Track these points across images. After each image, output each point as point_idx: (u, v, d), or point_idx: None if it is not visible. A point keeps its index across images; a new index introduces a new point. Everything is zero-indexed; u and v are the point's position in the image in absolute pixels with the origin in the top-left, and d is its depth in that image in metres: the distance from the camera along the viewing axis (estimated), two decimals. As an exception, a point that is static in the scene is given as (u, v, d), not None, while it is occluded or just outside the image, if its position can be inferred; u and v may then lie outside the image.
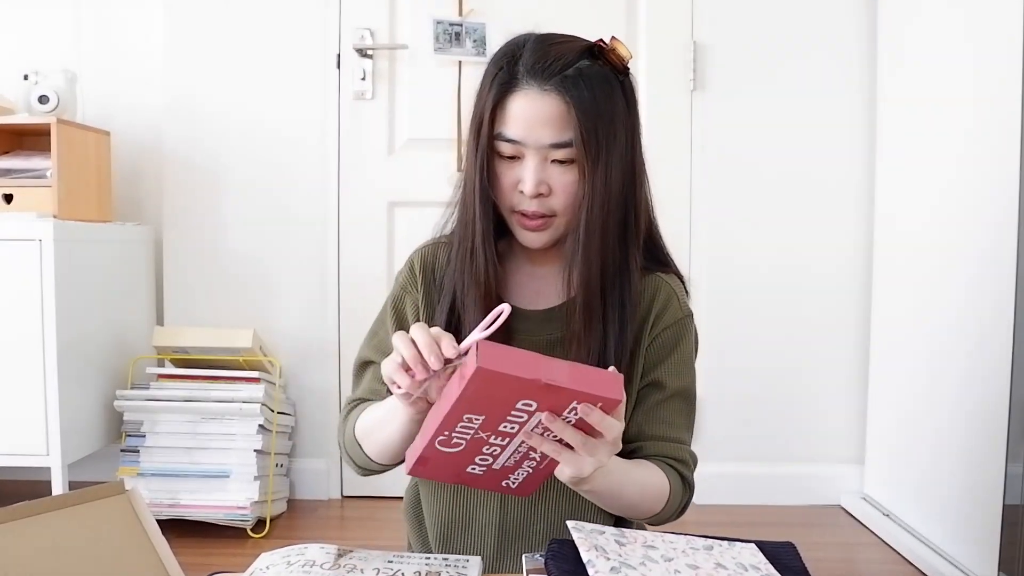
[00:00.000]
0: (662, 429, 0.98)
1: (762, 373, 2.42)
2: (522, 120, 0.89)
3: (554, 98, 0.87)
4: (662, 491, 0.93)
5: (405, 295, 1.03)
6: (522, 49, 0.90)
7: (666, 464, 0.96)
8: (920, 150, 2.11)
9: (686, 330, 1.00)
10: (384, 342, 1.01)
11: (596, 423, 0.74)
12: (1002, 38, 1.71)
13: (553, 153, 0.89)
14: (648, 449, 0.97)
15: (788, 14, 2.38)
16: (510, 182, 0.92)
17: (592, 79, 0.88)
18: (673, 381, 0.99)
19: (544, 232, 0.94)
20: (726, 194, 2.40)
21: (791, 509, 2.39)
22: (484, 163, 0.91)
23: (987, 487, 1.73)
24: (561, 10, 2.34)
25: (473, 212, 0.93)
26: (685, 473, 0.97)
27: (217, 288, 2.43)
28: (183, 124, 2.42)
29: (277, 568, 0.77)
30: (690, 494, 0.98)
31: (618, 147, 0.91)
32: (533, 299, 1.00)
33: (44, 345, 1.98)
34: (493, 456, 0.81)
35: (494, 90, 0.90)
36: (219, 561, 1.88)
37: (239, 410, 2.10)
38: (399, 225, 2.43)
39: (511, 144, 0.90)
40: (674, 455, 0.97)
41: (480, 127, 0.91)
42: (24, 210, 2.08)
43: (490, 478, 0.84)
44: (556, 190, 0.91)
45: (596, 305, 0.93)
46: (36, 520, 0.70)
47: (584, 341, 0.93)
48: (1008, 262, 1.68)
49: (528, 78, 0.88)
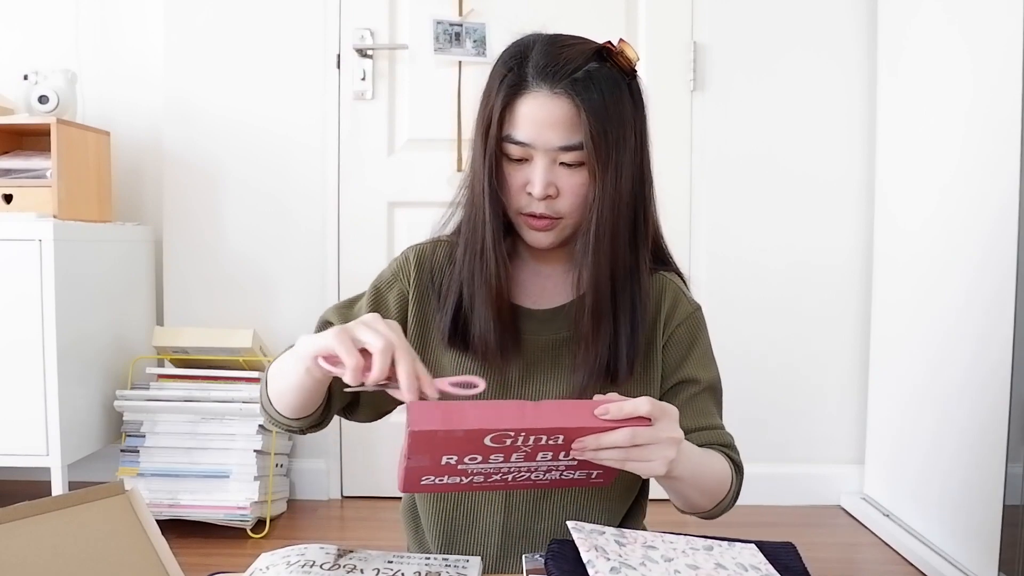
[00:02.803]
0: (702, 420, 0.99)
1: (762, 373, 2.42)
2: (532, 122, 0.88)
3: (564, 101, 0.87)
4: (725, 473, 0.94)
5: (394, 283, 1.01)
6: (531, 51, 0.90)
7: (718, 450, 0.97)
8: (920, 150, 2.11)
9: (700, 323, 1.02)
10: (352, 318, 0.93)
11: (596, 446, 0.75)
12: (1002, 36, 1.71)
13: (562, 156, 0.89)
14: (694, 440, 0.96)
15: (788, 14, 2.38)
16: (518, 184, 0.91)
17: (602, 82, 0.88)
18: (703, 374, 1.00)
19: (551, 232, 0.94)
20: (726, 194, 2.40)
21: (791, 509, 2.39)
22: (493, 165, 0.91)
23: (987, 487, 1.73)
24: (561, 10, 2.34)
25: (483, 214, 0.93)
26: (735, 456, 0.98)
27: (217, 288, 2.43)
28: (183, 124, 2.42)
29: (277, 568, 0.77)
30: (741, 476, 0.98)
31: (628, 149, 0.91)
32: (538, 298, 1.00)
33: (44, 345, 1.98)
34: (518, 470, 0.80)
35: (503, 92, 0.89)
36: (219, 561, 1.89)
37: (239, 410, 2.10)
38: (399, 225, 2.43)
39: (520, 147, 0.89)
40: (721, 441, 0.98)
41: (488, 129, 0.91)
42: (24, 210, 2.08)
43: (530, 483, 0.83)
44: (564, 192, 0.91)
45: (606, 307, 0.93)
46: (36, 520, 0.70)
47: (592, 343, 0.93)
48: (1008, 262, 1.68)
49: (538, 80, 0.88)
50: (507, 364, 0.96)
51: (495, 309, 0.93)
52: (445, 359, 0.99)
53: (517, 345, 0.96)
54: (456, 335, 0.96)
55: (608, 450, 0.75)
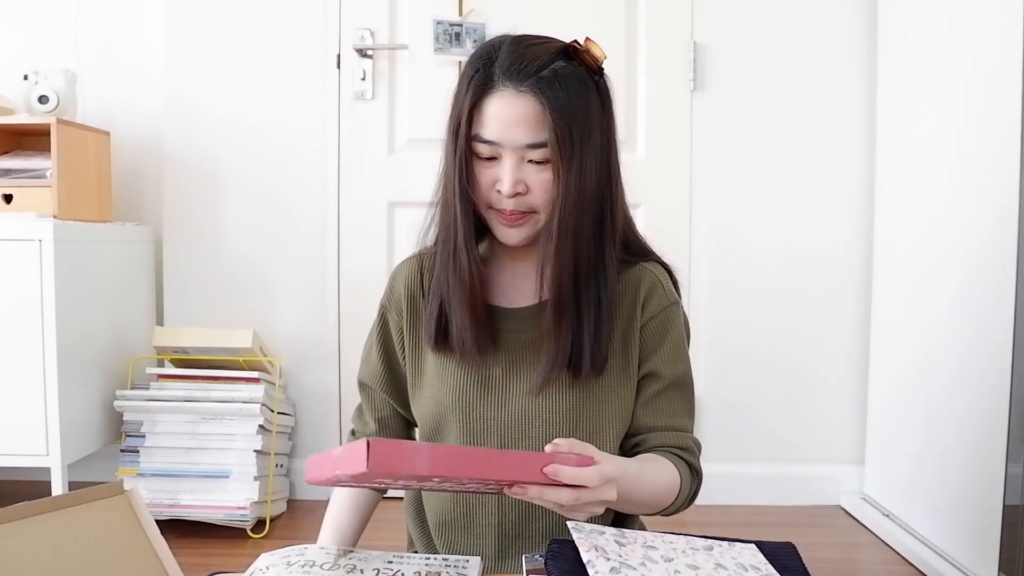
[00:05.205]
0: (663, 419, 0.98)
1: (762, 373, 2.42)
2: (498, 121, 0.89)
3: (529, 99, 0.88)
4: (673, 483, 0.93)
5: (389, 306, 1.06)
6: (497, 51, 0.91)
7: (672, 454, 0.96)
8: (920, 149, 2.11)
9: (674, 317, 1.00)
10: (375, 365, 1.08)
11: (568, 479, 0.74)
12: (1002, 36, 1.71)
13: (529, 153, 0.90)
14: (652, 440, 0.98)
15: (788, 14, 2.38)
16: (488, 182, 0.93)
17: (567, 80, 0.89)
18: (668, 370, 0.99)
19: (523, 227, 0.95)
20: (726, 194, 2.40)
21: (791, 509, 2.39)
22: (463, 164, 0.92)
23: (987, 487, 1.73)
24: (561, 10, 2.34)
25: (454, 213, 0.94)
26: (692, 461, 0.98)
27: (217, 288, 2.43)
28: (183, 124, 2.42)
29: (277, 568, 0.77)
30: (699, 481, 0.98)
31: (593, 147, 0.92)
32: (515, 297, 1.01)
33: (44, 345, 1.98)
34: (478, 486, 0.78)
35: (470, 92, 0.91)
36: (219, 561, 1.89)
37: (239, 410, 2.10)
38: (399, 225, 2.43)
39: (488, 145, 0.91)
40: (678, 444, 0.98)
41: (458, 129, 0.92)
42: (24, 210, 2.08)
43: None
44: (533, 188, 0.92)
45: (568, 303, 0.93)
46: (36, 520, 0.70)
47: (555, 339, 0.94)
48: (1008, 262, 1.68)
49: (504, 79, 0.89)
50: (485, 361, 0.98)
51: (470, 306, 0.95)
52: (429, 361, 1.01)
53: (494, 343, 0.98)
54: (439, 336, 0.98)
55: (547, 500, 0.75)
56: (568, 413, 0.97)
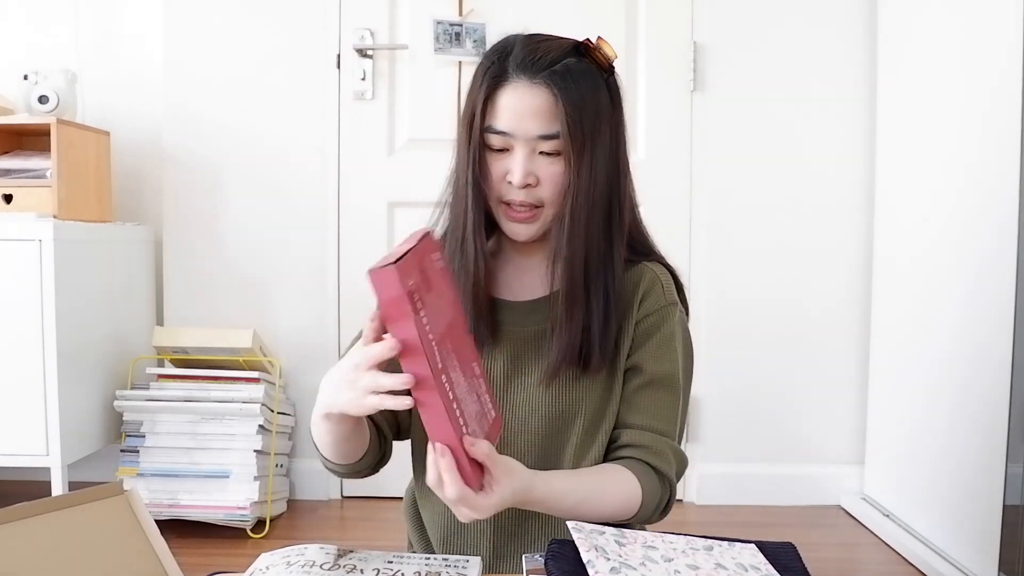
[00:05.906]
0: (642, 418, 0.96)
1: (762, 373, 2.42)
2: (511, 112, 0.91)
3: (542, 91, 0.90)
4: (627, 496, 0.90)
5: None
6: (512, 46, 0.93)
7: (639, 463, 0.94)
8: (920, 150, 2.11)
9: (668, 317, 0.99)
10: None
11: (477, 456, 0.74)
12: (1002, 38, 1.71)
13: (541, 145, 0.92)
14: (624, 438, 0.96)
15: (788, 15, 2.38)
16: (499, 173, 0.94)
17: (579, 75, 0.91)
18: (651, 365, 0.97)
19: (532, 224, 0.96)
20: (726, 194, 2.40)
21: (791, 509, 2.39)
22: (476, 155, 0.94)
23: (987, 487, 1.73)
24: (561, 10, 2.34)
25: (465, 203, 0.95)
26: (663, 469, 0.94)
27: (217, 288, 2.43)
28: (183, 124, 2.42)
29: (277, 568, 0.77)
30: (670, 492, 0.95)
31: (603, 141, 0.93)
32: (520, 291, 1.01)
33: (44, 345, 1.98)
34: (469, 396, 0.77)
35: (485, 84, 0.93)
36: (219, 561, 1.88)
37: (239, 410, 2.10)
38: (399, 225, 2.43)
39: (501, 136, 0.92)
40: (651, 446, 0.94)
41: (472, 120, 0.94)
42: (24, 210, 2.08)
43: None
44: (543, 181, 0.93)
45: (579, 295, 0.94)
46: (36, 520, 0.70)
47: (565, 330, 0.94)
48: (1008, 263, 1.68)
49: (518, 72, 0.91)
50: (485, 354, 0.98)
51: (472, 297, 0.96)
52: None
53: (495, 336, 0.99)
54: None
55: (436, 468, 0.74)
56: (567, 408, 0.97)
